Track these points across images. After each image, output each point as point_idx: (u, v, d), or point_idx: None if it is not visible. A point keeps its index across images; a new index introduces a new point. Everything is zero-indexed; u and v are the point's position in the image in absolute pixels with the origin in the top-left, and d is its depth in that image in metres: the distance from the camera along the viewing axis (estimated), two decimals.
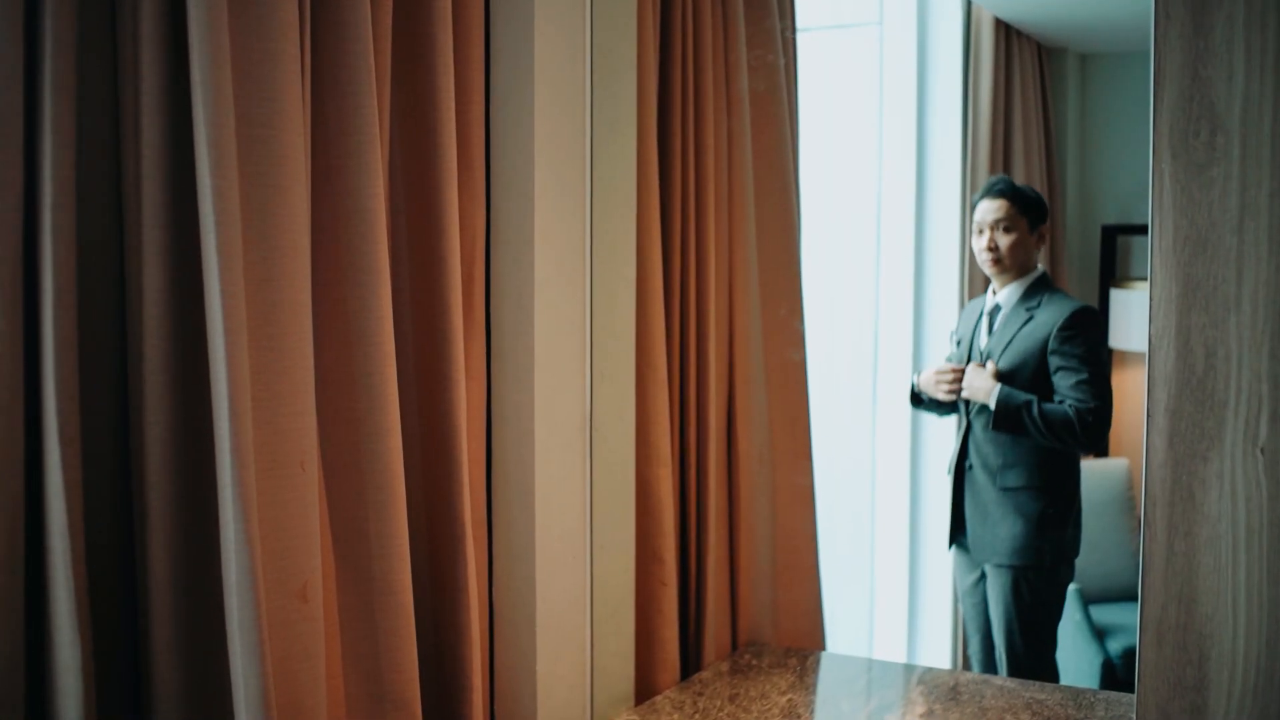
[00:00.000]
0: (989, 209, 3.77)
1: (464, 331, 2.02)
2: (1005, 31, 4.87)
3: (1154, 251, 1.81)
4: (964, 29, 4.70)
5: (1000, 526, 3.71)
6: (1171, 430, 1.81)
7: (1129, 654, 4.45)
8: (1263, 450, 1.76)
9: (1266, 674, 1.78)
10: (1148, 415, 1.81)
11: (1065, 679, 4.27)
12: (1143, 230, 5.55)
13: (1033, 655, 3.75)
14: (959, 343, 3.96)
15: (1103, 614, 4.77)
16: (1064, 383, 3.57)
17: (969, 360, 3.85)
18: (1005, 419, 3.61)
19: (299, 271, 1.65)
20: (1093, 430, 3.51)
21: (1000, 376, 3.67)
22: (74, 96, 1.54)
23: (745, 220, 2.76)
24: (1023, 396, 3.59)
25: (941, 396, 3.79)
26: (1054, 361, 3.59)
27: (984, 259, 3.80)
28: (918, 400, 3.98)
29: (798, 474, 2.92)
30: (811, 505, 2.95)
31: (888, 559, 4.89)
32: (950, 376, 3.77)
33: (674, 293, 2.57)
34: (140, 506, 1.62)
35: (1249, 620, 1.78)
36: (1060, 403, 3.55)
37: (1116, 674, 4.36)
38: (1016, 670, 3.74)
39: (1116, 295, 5.38)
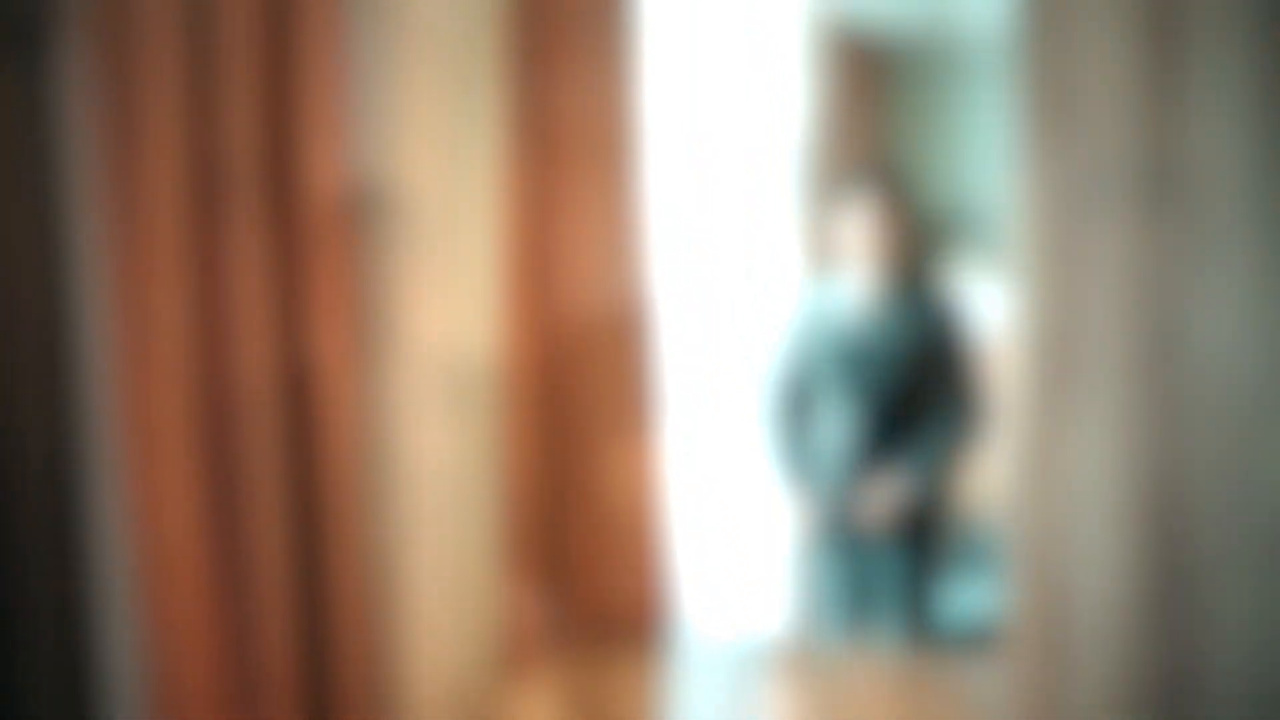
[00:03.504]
0: (867, 201, 3.76)
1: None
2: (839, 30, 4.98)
3: (1015, 225, 1.88)
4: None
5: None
6: (1036, 397, 1.88)
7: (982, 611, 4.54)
8: (1119, 415, 1.84)
9: (1119, 610, 1.88)
10: (1014, 383, 1.88)
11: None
12: (980, 215, 5.74)
13: (910, 615, 3.76)
14: (825, 344, 3.90)
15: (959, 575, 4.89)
16: (940, 376, 3.63)
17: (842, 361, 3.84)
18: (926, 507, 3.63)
19: None
20: (978, 416, 3.58)
21: (885, 384, 3.69)
22: None
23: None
24: (919, 491, 3.61)
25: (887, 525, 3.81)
26: (933, 354, 3.64)
27: (860, 251, 3.76)
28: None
29: (634, 449, 2.90)
30: (654, 480, 2.96)
31: (744, 530, 4.92)
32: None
33: None
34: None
35: (1105, 566, 1.86)
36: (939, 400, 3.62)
37: (977, 631, 4.44)
38: (888, 632, 3.75)
39: (955, 276, 5.56)
